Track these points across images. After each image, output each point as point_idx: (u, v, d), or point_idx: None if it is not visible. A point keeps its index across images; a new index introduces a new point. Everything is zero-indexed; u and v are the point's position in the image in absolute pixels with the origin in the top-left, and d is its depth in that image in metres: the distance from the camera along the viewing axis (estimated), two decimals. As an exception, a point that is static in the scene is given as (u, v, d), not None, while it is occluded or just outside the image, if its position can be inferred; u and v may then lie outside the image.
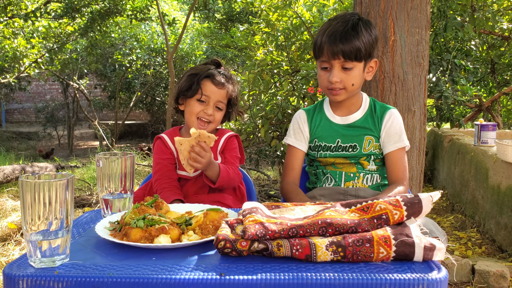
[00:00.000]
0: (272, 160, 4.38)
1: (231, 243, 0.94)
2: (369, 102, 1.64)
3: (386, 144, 1.57)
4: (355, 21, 1.52)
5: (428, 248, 0.92)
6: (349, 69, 1.51)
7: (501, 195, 2.94)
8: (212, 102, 1.65)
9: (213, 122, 1.67)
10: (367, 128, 1.59)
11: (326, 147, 1.61)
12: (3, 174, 4.86)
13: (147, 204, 1.17)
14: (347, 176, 1.60)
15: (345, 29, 1.49)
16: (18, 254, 2.95)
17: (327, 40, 1.50)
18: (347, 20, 1.51)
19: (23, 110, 13.97)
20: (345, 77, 1.52)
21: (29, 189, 0.88)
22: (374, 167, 1.60)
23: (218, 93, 1.65)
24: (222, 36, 8.85)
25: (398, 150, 1.56)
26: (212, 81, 1.65)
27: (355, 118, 1.61)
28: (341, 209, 1.04)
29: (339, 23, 1.51)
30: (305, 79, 3.79)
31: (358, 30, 1.50)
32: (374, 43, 1.55)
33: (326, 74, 1.54)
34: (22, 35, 7.64)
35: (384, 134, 1.58)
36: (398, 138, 1.56)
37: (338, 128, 1.61)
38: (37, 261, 0.91)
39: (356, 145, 1.58)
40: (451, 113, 3.95)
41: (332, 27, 1.52)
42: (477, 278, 2.35)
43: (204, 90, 1.65)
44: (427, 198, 1.00)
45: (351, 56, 1.49)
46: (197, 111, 1.65)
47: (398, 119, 1.60)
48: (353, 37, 1.48)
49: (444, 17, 3.85)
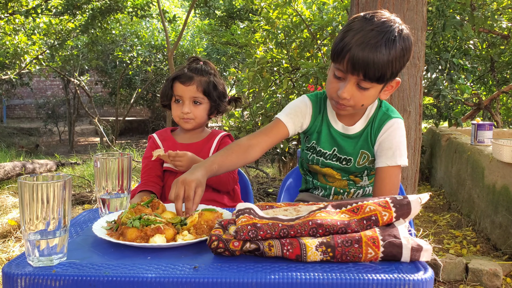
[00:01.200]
0: (272, 157, 4.41)
1: (224, 243, 0.97)
2: (375, 109, 1.43)
3: (377, 157, 1.39)
4: (393, 34, 1.22)
5: (415, 249, 0.95)
6: (365, 89, 1.27)
7: (496, 195, 2.96)
8: (186, 100, 1.68)
9: (195, 119, 1.69)
10: (364, 142, 1.43)
11: (321, 153, 1.48)
12: (3, 171, 4.90)
13: (143, 204, 1.20)
14: (336, 191, 1.53)
15: (378, 43, 1.20)
16: (18, 251, 2.98)
17: (352, 49, 1.22)
18: (384, 32, 1.22)
19: (24, 106, 14.00)
20: (358, 95, 1.29)
21: (27, 189, 0.91)
22: (367, 182, 1.51)
23: (188, 90, 1.67)
24: (222, 33, 8.86)
25: (389, 167, 1.34)
26: (180, 81, 1.68)
27: (355, 129, 1.44)
28: (332, 210, 1.07)
29: (373, 32, 1.22)
30: (305, 77, 3.81)
31: (392, 47, 1.21)
32: (405, 62, 1.28)
33: (338, 84, 1.30)
34: (23, 32, 7.66)
35: (377, 146, 1.40)
36: (391, 154, 1.35)
37: (337, 136, 1.45)
38: (35, 260, 0.94)
39: (351, 159, 1.45)
40: (449, 112, 3.98)
41: (363, 33, 1.22)
42: (471, 277, 2.38)
43: (175, 91, 1.69)
44: (416, 200, 1.03)
45: (372, 77, 1.23)
46: (178, 112, 1.70)
47: (396, 132, 1.38)
48: (383, 57, 1.20)
49: (443, 16, 3.86)
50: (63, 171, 5.98)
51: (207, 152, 1.69)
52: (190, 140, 1.75)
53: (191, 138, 1.75)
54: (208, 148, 1.71)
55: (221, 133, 1.77)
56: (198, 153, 1.65)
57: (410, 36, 1.28)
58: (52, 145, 10.49)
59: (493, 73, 5.82)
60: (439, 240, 3.13)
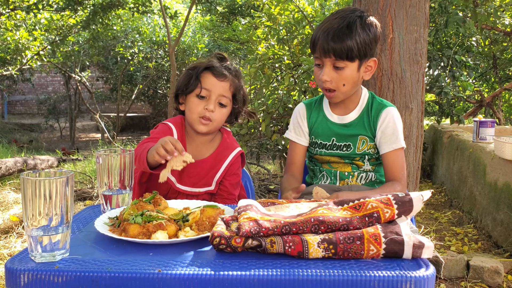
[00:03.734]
0: (273, 154, 4.41)
1: (226, 240, 0.97)
2: (367, 100, 1.60)
3: (382, 144, 1.54)
4: (353, 18, 1.46)
5: (417, 246, 0.95)
6: (341, 68, 1.46)
7: (498, 192, 2.96)
8: (214, 97, 1.49)
9: (213, 121, 1.51)
10: (361, 128, 1.57)
11: (322, 145, 1.62)
12: (5, 166, 4.90)
13: (146, 201, 1.20)
14: (341, 175, 1.61)
15: (340, 27, 1.44)
16: (20, 247, 2.99)
17: (320, 37, 1.46)
18: (345, 17, 1.46)
19: (25, 102, 14.01)
20: (336, 76, 1.48)
21: (30, 185, 0.91)
22: (369, 167, 1.60)
23: (220, 85, 1.49)
24: (224, 29, 8.84)
25: (395, 150, 1.52)
26: (213, 73, 1.50)
27: (351, 118, 1.59)
28: (334, 207, 1.07)
29: (336, 19, 1.47)
30: (307, 73, 3.80)
31: (353, 28, 1.44)
32: (372, 43, 1.49)
33: (319, 71, 1.51)
34: (24, 27, 7.66)
35: (380, 134, 1.54)
36: (395, 139, 1.52)
37: (334, 127, 1.60)
38: (37, 256, 0.94)
39: (350, 145, 1.58)
40: (451, 109, 3.97)
41: (329, 23, 1.47)
42: (472, 274, 2.38)
43: (204, 83, 1.49)
44: (418, 197, 1.03)
45: (342, 55, 1.44)
46: (198, 109, 1.49)
47: (394, 118, 1.54)
48: (346, 36, 1.43)
49: (445, 13, 3.85)
50: (64, 167, 5.99)
51: (218, 169, 1.58)
52: (202, 145, 1.60)
53: (203, 144, 1.60)
54: (219, 167, 1.58)
55: (235, 149, 1.60)
56: (208, 170, 1.56)
57: (374, 21, 1.50)
58: (53, 141, 10.50)
59: (496, 70, 5.80)
60: (441, 237, 3.13)
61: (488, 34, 5.01)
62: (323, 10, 4.44)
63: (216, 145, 1.62)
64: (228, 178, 1.61)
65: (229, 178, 1.61)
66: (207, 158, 1.59)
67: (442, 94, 3.68)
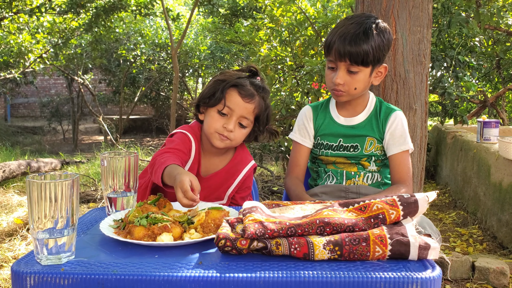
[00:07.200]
0: (276, 155, 4.40)
1: (231, 242, 0.97)
2: (375, 103, 1.64)
3: (390, 146, 1.57)
4: (369, 24, 1.49)
5: (423, 247, 0.94)
6: (355, 73, 1.50)
7: (503, 192, 2.95)
8: (235, 117, 1.44)
9: (232, 141, 1.46)
10: (369, 129, 1.60)
11: (328, 146, 1.63)
12: (9, 169, 4.92)
13: (150, 203, 1.20)
14: (348, 174, 1.62)
15: (356, 32, 1.47)
16: (24, 249, 2.99)
17: (336, 41, 1.48)
18: (361, 23, 1.50)
19: (28, 105, 14.05)
20: (349, 80, 1.51)
21: (35, 188, 0.91)
22: (374, 167, 1.62)
23: (244, 107, 1.43)
24: (226, 31, 8.85)
25: (402, 152, 1.56)
26: (239, 92, 1.43)
27: (359, 120, 1.62)
28: (339, 208, 1.07)
29: (352, 25, 1.50)
30: (309, 74, 3.79)
31: (370, 34, 1.47)
32: (385, 49, 1.53)
33: (332, 74, 1.54)
34: (27, 30, 7.69)
35: (389, 136, 1.58)
36: (403, 141, 1.56)
37: (341, 128, 1.63)
38: (43, 259, 0.94)
39: (357, 145, 1.60)
40: (455, 109, 3.95)
41: (344, 27, 1.50)
42: (477, 275, 2.37)
43: (228, 101, 1.43)
44: (423, 198, 1.03)
45: (357, 60, 1.47)
46: (217, 126, 1.44)
47: (402, 122, 1.60)
48: (362, 41, 1.46)
49: (448, 13, 3.84)
50: (68, 169, 6.00)
51: (231, 184, 1.55)
52: (216, 157, 1.55)
53: (217, 155, 1.55)
54: (232, 181, 1.54)
55: (249, 162, 1.57)
56: (221, 184, 1.52)
57: (387, 27, 1.55)
58: (56, 143, 10.52)
59: (499, 70, 5.78)
60: (445, 238, 3.11)
61: (491, 34, 5.00)
62: (325, 11, 4.44)
63: (229, 157, 1.57)
64: (240, 192, 1.59)
65: (241, 192, 1.59)
66: (220, 171, 1.55)
67: (446, 94, 3.67)
